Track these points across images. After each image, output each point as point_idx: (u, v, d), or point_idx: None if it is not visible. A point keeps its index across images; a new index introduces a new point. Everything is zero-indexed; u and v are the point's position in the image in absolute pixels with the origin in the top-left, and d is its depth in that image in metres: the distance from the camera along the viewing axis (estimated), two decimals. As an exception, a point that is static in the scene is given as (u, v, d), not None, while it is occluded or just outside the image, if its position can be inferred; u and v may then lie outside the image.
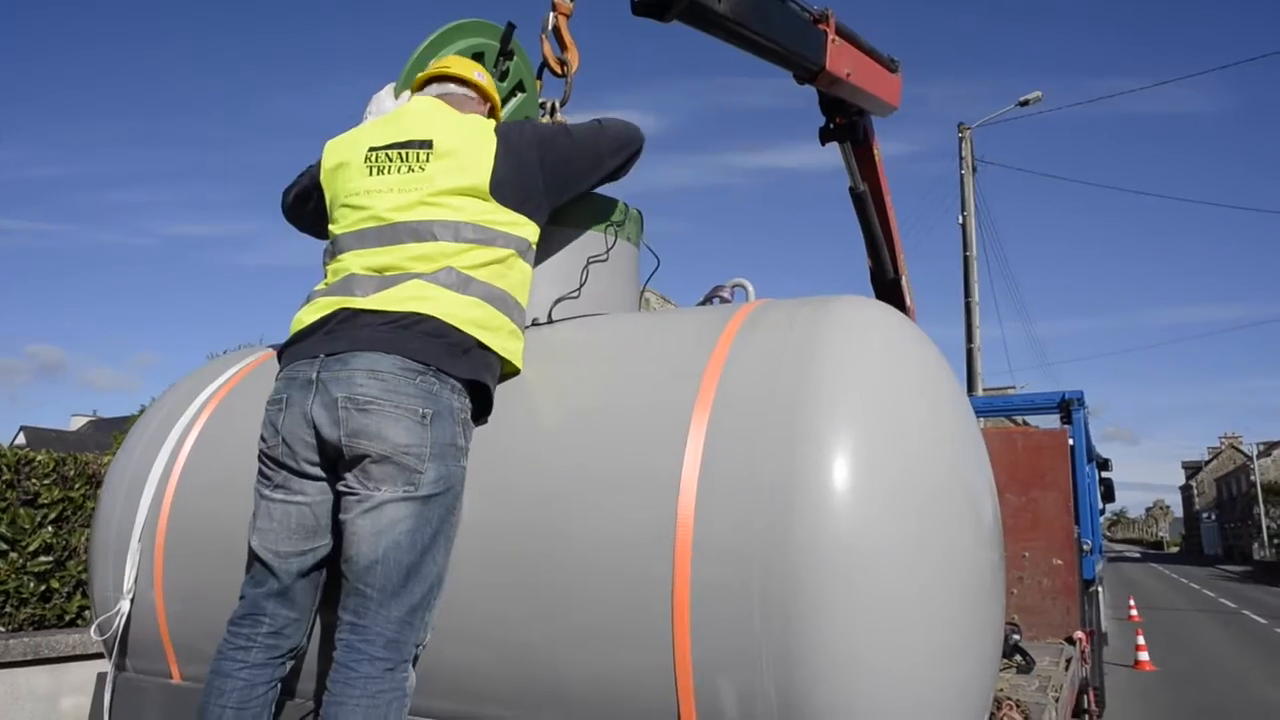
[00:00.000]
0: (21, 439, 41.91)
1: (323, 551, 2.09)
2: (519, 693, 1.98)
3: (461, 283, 2.13)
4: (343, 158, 2.35)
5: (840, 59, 5.40)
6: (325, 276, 2.29)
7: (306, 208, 2.56)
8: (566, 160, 2.39)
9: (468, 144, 2.26)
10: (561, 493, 1.98)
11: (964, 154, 18.17)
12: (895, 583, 1.77)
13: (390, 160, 2.26)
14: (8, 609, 5.45)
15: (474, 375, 2.09)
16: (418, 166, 2.23)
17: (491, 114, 2.60)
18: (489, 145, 2.26)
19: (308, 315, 2.18)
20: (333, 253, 2.30)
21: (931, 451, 1.98)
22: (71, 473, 5.93)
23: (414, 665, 1.99)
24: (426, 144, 2.25)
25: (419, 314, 2.06)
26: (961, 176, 18.09)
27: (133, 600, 2.50)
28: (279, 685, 2.10)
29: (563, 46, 3.17)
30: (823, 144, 6.55)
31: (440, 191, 2.20)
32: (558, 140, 2.40)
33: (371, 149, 2.30)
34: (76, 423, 53.78)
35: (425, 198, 2.19)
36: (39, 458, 5.81)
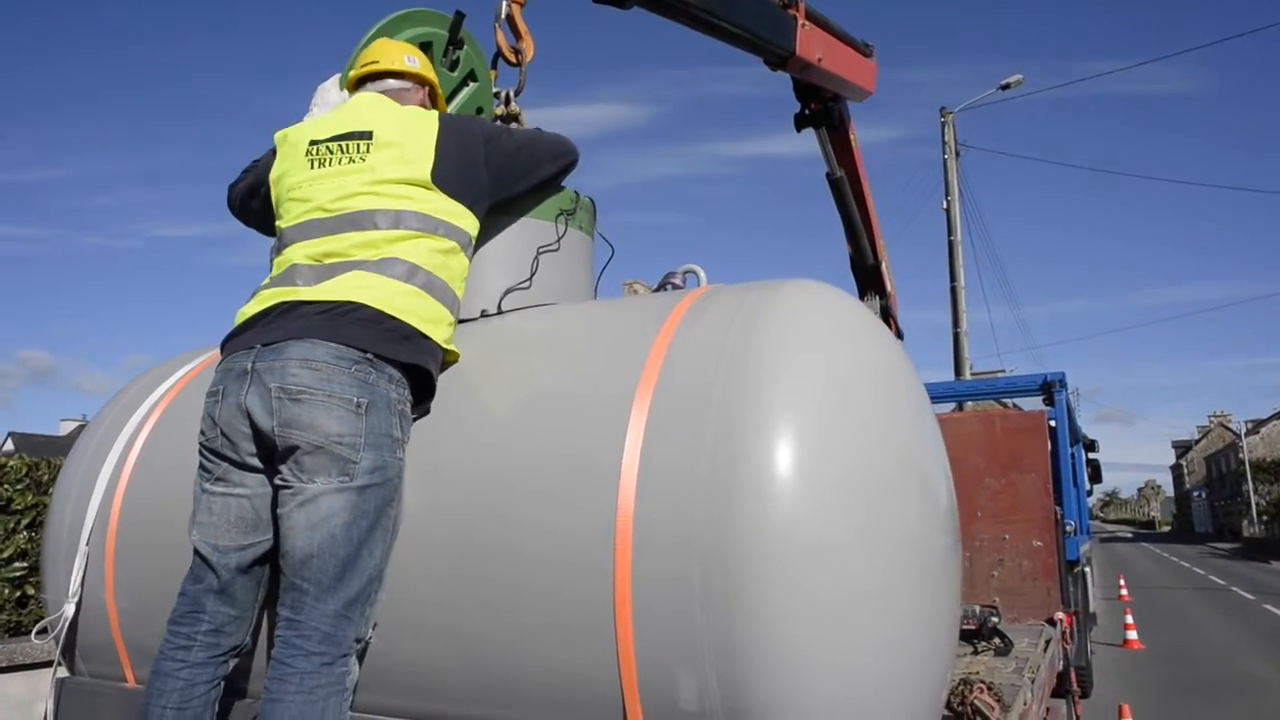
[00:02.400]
0: (9, 445, 41.64)
1: (263, 546, 2.07)
2: (468, 687, 1.95)
3: (407, 272, 2.12)
4: (287, 153, 2.35)
5: (811, 44, 5.35)
6: (270, 270, 2.28)
7: (253, 204, 2.54)
8: (509, 159, 2.39)
9: (409, 134, 2.25)
10: (504, 484, 1.95)
11: (946, 138, 18.16)
12: (839, 572, 1.74)
13: (331, 153, 2.25)
14: (-18, 616, 5.40)
15: (415, 360, 2.07)
16: (358, 157, 2.22)
17: (431, 96, 2.58)
18: (430, 134, 2.25)
19: (250, 308, 2.16)
20: (278, 247, 2.29)
21: (881, 437, 1.95)
22: (46, 477, 5.87)
23: (359, 660, 1.97)
24: (366, 135, 2.24)
25: (356, 302, 2.04)
26: (944, 161, 18.08)
27: (80, 604, 2.46)
28: (221, 684, 2.08)
29: (517, 35, 3.12)
30: (798, 130, 6.51)
31: (381, 180, 2.18)
32: (501, 139, 2.40)
33: (313, 142, 2.29)
34: (66, 427, 53.47)
35: (366, 187, 2.18)
36: (11, 463, 5.75)
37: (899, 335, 7.92)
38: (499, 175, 2.37)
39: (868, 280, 7.11)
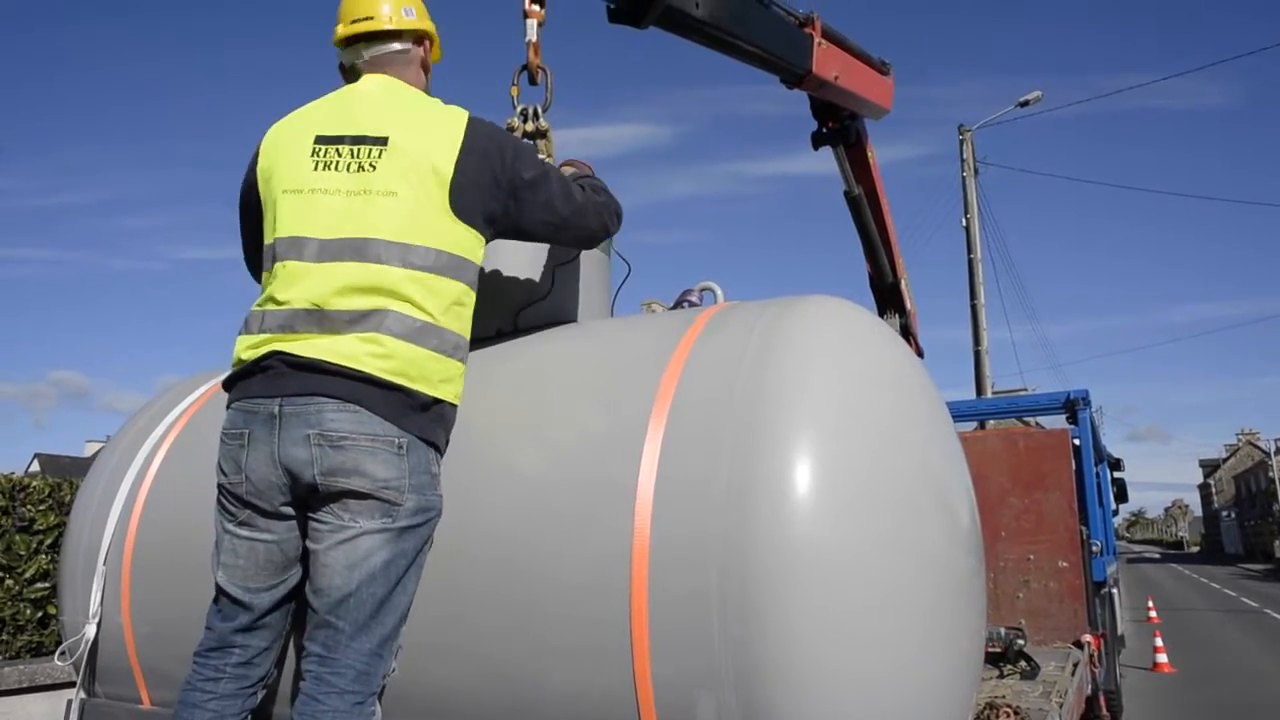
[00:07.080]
0: (36, 466, 42.14)
1: (293, 581, 2.01)
2: (486, 707, 1.93)
3: (418, 332, 1.94)
4: (282, 148, 2.10)
5: (828, 62, 5.36)
6: (263, 288, 2.06)
7: (254, 237, 2.21)
8: (529, 216, 2.17)
9: (428, 142, 2.02)
10: (521, 503, 1.94)
11: (965, 156, 18.11)
12: (858, 590, 1.71)
13: (340, 155, 2.02)
14: (4, 636, 5.44)
15: (425, 435, 1.97)
16: (368, 164, 2.00)
17: (428, 52, 2.30)
18: (451, 148, 2.02)
19: (248, 351, 1.99)
20: (272, 257, 2.04)
21: (900, 453, 1.92)
22: (67, 498, 5.92)
23: (380, 697, 1.92)
24: (381, 140, 2.01)
25: (367, 373, 1.89)
26: (963, 179, 18.02)
27: (99, 624, 2.46)
28: (249, 717, 2.02)
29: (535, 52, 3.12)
30: (815, 148, 6.51)
31: (390, 195, 1.97)
32: (539, 188, 2.15)
33: (319, 138, 2.06)
34: (91, 448, 54.08)
35: (372, 205, 1.97)
36: (34, 484, 5.81)
37: (920, 353, 7.86)
38: (512, 223, 2.16)
39: (887, 298, 7.08)
